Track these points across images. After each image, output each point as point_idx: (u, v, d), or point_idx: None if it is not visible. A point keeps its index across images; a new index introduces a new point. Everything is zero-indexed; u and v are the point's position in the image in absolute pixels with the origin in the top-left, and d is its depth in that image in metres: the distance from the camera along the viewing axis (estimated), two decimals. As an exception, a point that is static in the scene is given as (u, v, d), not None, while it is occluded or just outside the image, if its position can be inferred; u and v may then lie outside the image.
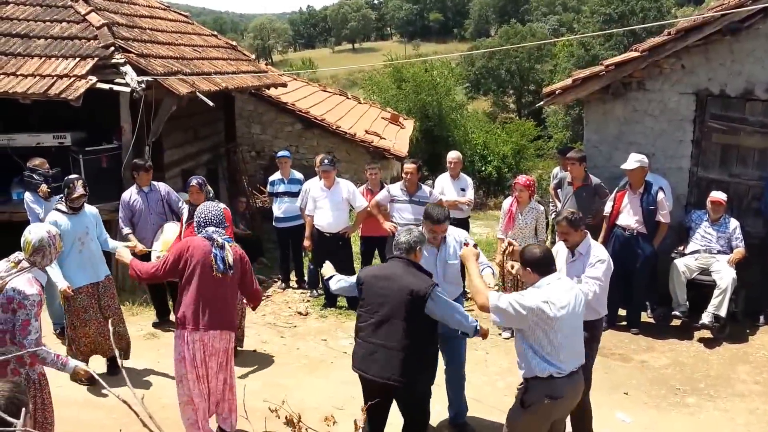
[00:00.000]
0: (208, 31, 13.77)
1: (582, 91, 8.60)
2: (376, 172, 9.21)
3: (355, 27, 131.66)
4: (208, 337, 5.07)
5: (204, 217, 5.23)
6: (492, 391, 6.57)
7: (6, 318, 4.22)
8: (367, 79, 31.93)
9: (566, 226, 5.39)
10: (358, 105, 19.89)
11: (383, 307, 4.63)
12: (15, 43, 8.96)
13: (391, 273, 4.72)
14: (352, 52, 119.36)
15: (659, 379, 6.92)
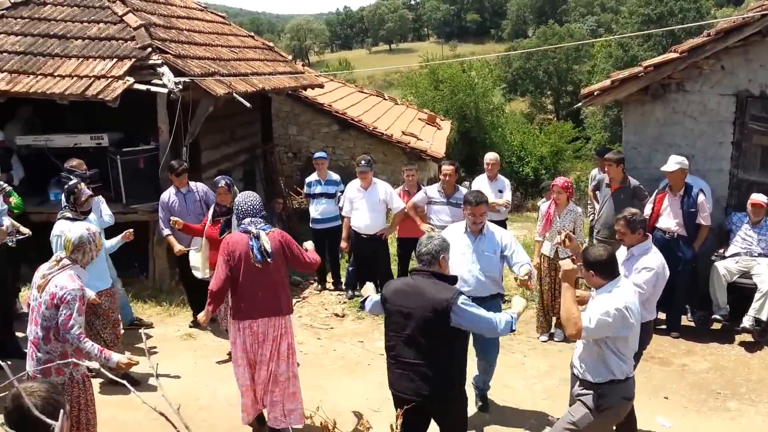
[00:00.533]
0: (245, 32, 13.81)
1: (621, 93, 8.54)
2: (413, 174, 9.14)
3: (392, 28, 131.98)
4: (257, 325, 5.32)
5: (241, 209, 5.42)
6: (530, 395, 6.54)
7: (50, 314, 4.35)
8: (404, 80, 31.93)
9: (624, 225, 5.44)
10: (395, 106, 19.86)
11: (408, 325, 4.35)
12: (53, 44, 9.06)
13: (413, 288, 4.41)
14: (389, 53, 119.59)
15: (700, 383, 6.81)
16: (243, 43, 12.66)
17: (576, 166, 31.68)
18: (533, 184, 26.96)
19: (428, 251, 4.46)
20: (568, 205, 7.62)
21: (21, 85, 8.35)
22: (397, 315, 4.42)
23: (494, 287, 5.80)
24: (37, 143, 9.16)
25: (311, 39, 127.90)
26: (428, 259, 4.47)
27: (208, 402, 6.24)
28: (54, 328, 4.37)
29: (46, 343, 4.41)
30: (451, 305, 4.22)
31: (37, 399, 2.60)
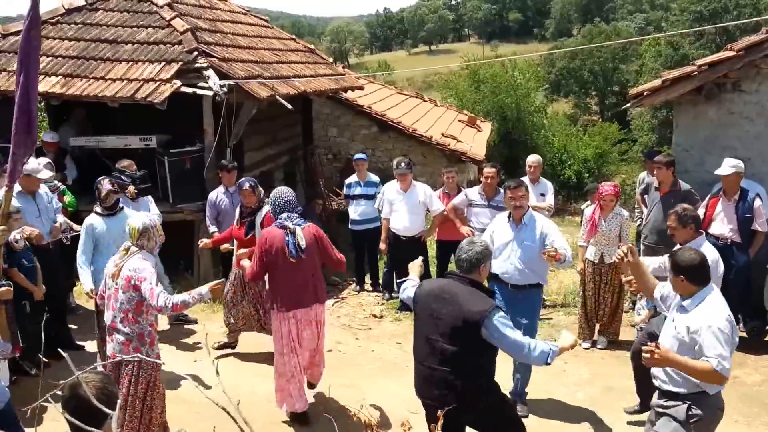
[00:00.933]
0: (287, 35, 14.10)
1: (672, 93, 8.29)
2: (453, 176, 9.17)
3: (432, 28, 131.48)
4: (300, 314, 5.71)
5: (278, 204, 5.77)
6: (572, 403, 6.49)
7: (128, 297, 4.77)
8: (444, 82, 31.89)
9: (675, 220, 5.40)
10: (435, 107, 19.85)
11: (436, 330, 4.22)
12: (104, 49, 9.43)
13: (447, 293, 4.25)
14: (429, 54, 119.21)
15: (751, 396, 6.61)
16: (285, 46, 12.94)
17: (621, 169, 31.19)
18: (576, 187, 26.65)
19: (469, 258, 4.32)
20: (614, 209, 7.52)
21: (74, 88, 8.72)
22: (427, 318, 4.31)
23: (534, 277, 5.91)
24: (90, 144, 9.57)
25: (351, 41, 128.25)
26: (468, 266, 4.32)
27: (248, 398, 6.25)
28: (133, 309, 4.79)
29: (125, 324, 4.82)
30: (485, 319, 4.08)
31: (92, 389, 2.72)
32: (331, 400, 6.25)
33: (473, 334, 4.12)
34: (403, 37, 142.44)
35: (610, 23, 75.58)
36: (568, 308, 9.01)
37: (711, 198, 7.69)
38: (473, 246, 4.38)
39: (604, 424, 6.01)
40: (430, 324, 4.28)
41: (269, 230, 5.76)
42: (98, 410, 2.49)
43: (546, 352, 4.15)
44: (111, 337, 4.92)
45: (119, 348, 4.82)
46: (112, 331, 4.89)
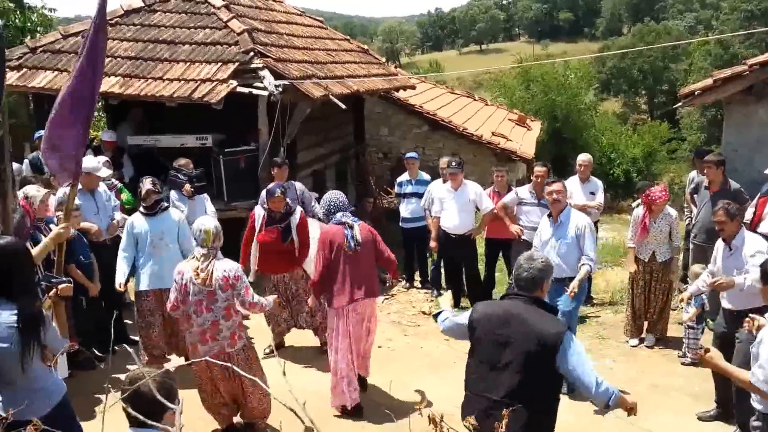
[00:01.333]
0: (341, 36, 14.01)
1: (723, 92, 8.30)
2: (503, 175, 9.11)
3: (483, 28, 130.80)
4: (360, 306, 5.87)
5: (333, 205, 6.00)
6: None
7: (227, 295, 5.05)
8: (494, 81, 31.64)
9: (723, 214, 5.48)
10: (485, 107, 19.67)
11: (503, 356, 3.74)
12: (162, 49, 9.43)
13: (513, 315, 3.78)
14: (479, 54, 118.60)
15: None
16: (339, 47, 12.85)
17: (669, 167, 30.62)
18: (624, 186, 26.21)
19: (530, 276, 3.85)
20: (663, 210, 7.40)
21: (133, 88, 8.74)
22: (490, 344, 3.80)
23: (570, 271, 6.27)
24: (147, 143, 9.61)
25: (402, 41, 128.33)
26: (530, 285, 3.86)
27: (299, 395, 6.37)
28: (232, 306, 5.11)
29: (227, 319, 5.11)
30: (561, 342, 3.65)
31: (154, 383, 2.71)
32: (383, 396, 6.21)
33: (547, 360, 3.66)
34: (453, 36, 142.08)
35: (660, 22, 73.92)
36: (615, 306, 8.90)
37: (761, 197, 7.55)
38: (533, 262, 3.89)
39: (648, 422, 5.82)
40: (495, 350, 3.77)
41: (327, 229, 5.96)
42: (158, 404, 2.51)
43: (611, 393, 3.71)
44: (210, 337, 5.15)
45: (228, 341, 5.15)
46: (212, 331, 5.13)
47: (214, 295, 5.04)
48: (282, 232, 6.90)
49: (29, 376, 3.69)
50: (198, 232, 5.13)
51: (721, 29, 47.12)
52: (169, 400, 2.66)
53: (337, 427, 5.78)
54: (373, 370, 6.63)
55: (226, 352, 5.14)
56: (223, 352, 5.12)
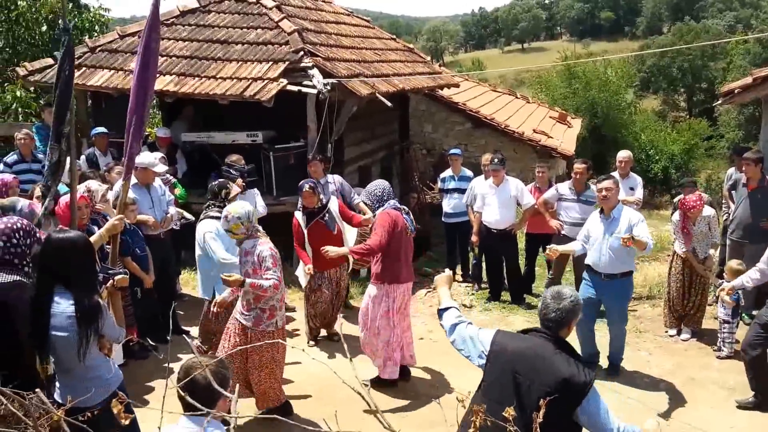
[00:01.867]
0: (387, 35, 13.91)
1: (762, 90, 8.14)
2: (544, 171, 9.06)
3: (525, 27, 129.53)
4: (405, 288, 6.05)
5: (386, 193, 6.03)
6: (655, 394, 6.25)
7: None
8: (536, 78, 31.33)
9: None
10: (526, 104, 19.44)
11: (519, 398, 3.29)
12: (215, 49, 9.45)
13: (538, 356, 3.35)
14: (521, 52, 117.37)
15: None
16: (386, 46, 12.76)
17: (708, 164, 29.98)
18: (662, 182, 25.74)
19: (558, 318, 3.43)
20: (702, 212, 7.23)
21: (187, 86, 8.77)
22: (506, 380, 3.36)
23: (623, 266, 6.21)
24: (200, 139, 9.65)
25: (446, 40, 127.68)
26: (556, 326, 3.45)
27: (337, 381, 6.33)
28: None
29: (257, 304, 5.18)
30: (588, 391, 3.25)
31: (209, 372, 2.71)
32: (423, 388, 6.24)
33: (569, 408, 3.24)
34: (496, 35, 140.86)
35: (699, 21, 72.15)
36: (653, 300, 8.76)
37: None
38: (562, 302, 3.44)
39: (687, 415, 5.79)
40: (510, 389, 3.33)
41: (389, 212, 5.91)
42: (213, 391, 2.55)
43: None
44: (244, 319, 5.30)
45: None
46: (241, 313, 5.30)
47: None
48: (327, 223, 6.86)
49: (87, 365, 3.68)
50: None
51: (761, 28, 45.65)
52: (223, 387, 2.68)
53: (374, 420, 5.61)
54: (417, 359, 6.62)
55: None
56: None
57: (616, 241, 6.02)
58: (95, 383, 3.69)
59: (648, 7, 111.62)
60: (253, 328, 5.18)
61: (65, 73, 4.25)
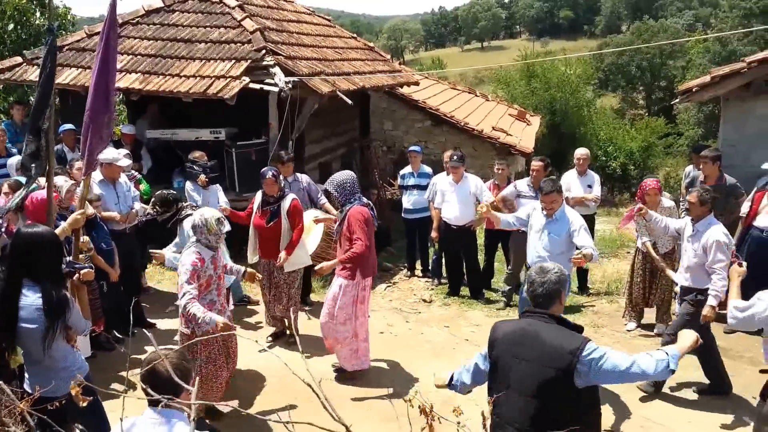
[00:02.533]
0: (348, 34, 14.14)
1: (721, 89, 8.24)
2: (503, 168, 9.13)
3: (485, 26, 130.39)
4: (369, 281, 6.33)
5: (353, 185, 6.17)
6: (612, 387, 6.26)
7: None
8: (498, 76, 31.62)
9: (696, 197, 5.83)
10: (486, 102, 19.65)
11: (521, 380, 3.34)
12: (179, 48, 9.61)
13: (530, 334, 3.38)
14: (481, 51, 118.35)
15: None
16: (346, 44, 12.98)
17: (666, 162, 30.54)
18: (621, 179, 26.25)
19: (546, 291, 3.46)
20: (661, 203, 7.38)
21: (152, 84, 8.94)
22: (507, 366, 3.42)
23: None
24: (164, 136, 9.81)
25: (407, 38, 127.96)
26: (546, 300, 3.47)
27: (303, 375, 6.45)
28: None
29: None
30: (576, 362, 3.21)
31: (170, 364, 2.74)
32: (384, 381, 6.30)
33: (566, 383, 3.24)
34: (456, 34, 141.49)
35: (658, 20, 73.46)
36: (611, 296, 8.96)
37: (757, 192, 7.56)
38: (547, 275, 3.48)
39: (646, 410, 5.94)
40: (512, 372, 3.39)
41: (360, 209, 6.07)
42: (174, 384, 2.53)
43: (664, 360, 3.24)
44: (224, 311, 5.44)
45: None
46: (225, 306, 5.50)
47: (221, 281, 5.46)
48: (272, 213, 6.91)
49: (55, 356, 3.82)
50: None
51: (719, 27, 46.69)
52: (185, 380, 2.69)
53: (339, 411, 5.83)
54: (375, 355, 6.74)
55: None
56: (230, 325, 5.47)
57: (553, 242, 5.93)
58: (63, 374, 3.82)
59: (607, 6, 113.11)
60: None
61: (47, 71, 4.42)
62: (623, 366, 3.22)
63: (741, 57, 8.58)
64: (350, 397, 6.10)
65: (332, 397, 5.81)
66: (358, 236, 5.95)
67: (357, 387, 6.29)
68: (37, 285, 3.75)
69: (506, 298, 8.67)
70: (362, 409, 5.88)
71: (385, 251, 10.92)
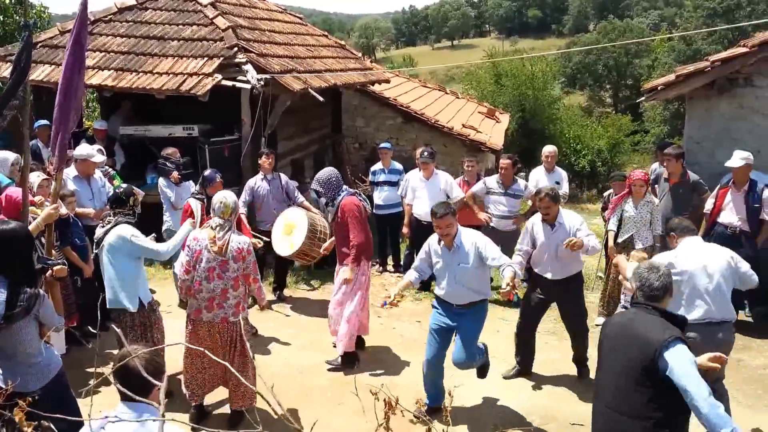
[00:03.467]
0: (319, 32, 14.16)
1: (685, 87, 8.29)
2: (473, 165, 9.22)
3: (455, 24, 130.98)
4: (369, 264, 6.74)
5: (337, 180, 6.41)
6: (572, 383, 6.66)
7: (238, 266, 5.18)
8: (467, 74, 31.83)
9: (548, 200, 5.97)
10: (456, 100, 19.73)
11: (614, 365, 3.59)
12: (152, 45, 9.61)
13: (629, 323, 3.61)
14: (451, 49, 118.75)
15: (755, 378, 6.58)
16: (318, 42, 13.03)
17: (633, 159, 30.98)
18: (589, 176, 26.60)
19: (663, 284, 3.65)
20: (645, 196, 7.47)
21: (125, 81, 8.92)
22: (608, 352, 3.68)
23: (475, 295, 5.48)
24: (137, 133, 9.78)
25: (378, 37, 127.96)
26: (662, 293, 3.65)
27: (282, 369, 6.49)
28: (241, 277, 5.22)
29: (235, 289, 5.21)
30: (662, 350, 3.32)
31: (141, 360, 2.79)
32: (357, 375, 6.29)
33: (653, 371, 3.36)
34: (427, 32, 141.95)
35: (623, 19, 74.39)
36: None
37: (720, 189, 7.64)
38: (656, 271, 3.69)
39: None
40: (610, 358, 3.65)
41: (350, 199, 6.35)
42: (146, 381, 2.54)
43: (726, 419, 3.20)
44: (217, 305, 5.20)
45: (232, 311, 5.23)
46: (220, 298, 5.19)
47: (226, 264, 5.13)
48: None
49: (27, 352, 3.84)
50: (218, 204, 5.23)
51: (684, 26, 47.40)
52: (157, 376, 2.69)
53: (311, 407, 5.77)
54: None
55: (229, 320, 5.21)
56: (226, 320, 5.20)
57: (463, 272, 5.36)
58: (35, 369, 3.87)
59: (574, 5, 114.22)
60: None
61: (21, 65, 4.46)
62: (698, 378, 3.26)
63: (705, 56, 8.70)
64: (321, 391, 6.13)
65: (304, 390, 5.97)
66: (355, 228, 6.25)
67: (328, 381, 6.33)
68: (7, 280, 3.75)
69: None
70: (333, 402, 5.91)
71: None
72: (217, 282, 5.15)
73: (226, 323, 5.22)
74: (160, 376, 2.75)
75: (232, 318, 5.21)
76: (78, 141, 8.71)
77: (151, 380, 2.56)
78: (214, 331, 5.21)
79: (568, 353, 6.59)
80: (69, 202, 6.40)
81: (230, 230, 5.22)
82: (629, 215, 7.48)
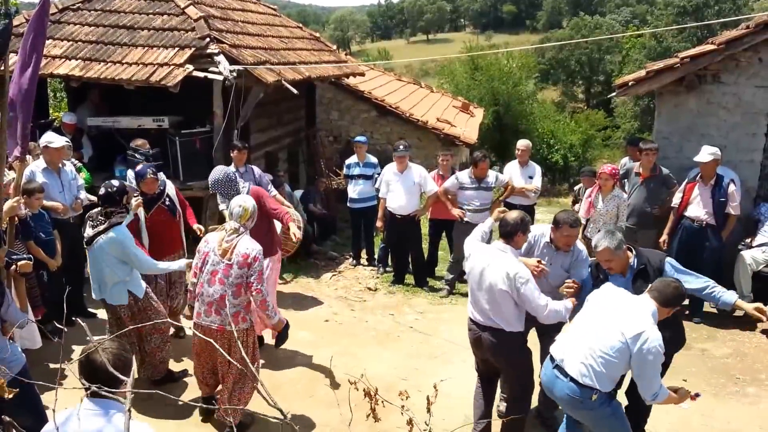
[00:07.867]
0: (293, 23, 14.02)
1: (655, 83, 8.37)
2: (447, 159, 9.23)
3: (430, 18, 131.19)
4: None
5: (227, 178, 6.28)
6: None
7: (242, 273, 4.87)
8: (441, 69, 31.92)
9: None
10: (431, 94, 19.82)
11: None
12: (121, 34, 9.38)
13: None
14: (426, 43, 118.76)
15: (719, 368, 6.72)
16: (292, 34, 12.89)
17: (604, 153, 31.38)
18: (562, 170, 26.84)
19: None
20: (613, 191, 7.63)
21: (93, 71, 8.69)
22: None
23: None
24: (105, 124, 9.56)
25: (353, 30, 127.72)
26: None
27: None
28: (244, 284, 4.90)
29: (236, 297, 4.91)
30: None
31: (109, 355, 2.73)
32: (328, 369, 6.31)
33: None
34: (402, 26, 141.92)
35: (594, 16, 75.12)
36: None
37: (688, 183, 7.83)
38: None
39: None
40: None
41: (257, 188, 6.60)
42: (114, 376, 2.47)
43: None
44: (215, 311, 4.96)
45: (228, 320, 4.93)
46: (219, 304, 4.94)
47: (229, 269, 4.89)
48: (169, 207, 6.63)
49: None
50: (237, 207, 5.03)
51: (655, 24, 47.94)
52: (125, 372, 2.61)
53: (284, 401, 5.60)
54: (320, 342, 6.80)
55: (226, 329, 4.92)
56: (222, 328, 4.94)
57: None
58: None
59: (548, 1, 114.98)
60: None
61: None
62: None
63: (675, 53, 8.80)
64: (293, 384, 6.11)
65: (276, 384, 5.90)
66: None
67: (301, 374, 6.30)
68: None
69: (449, 286, 8.80)
70: (306, 395, 5.89)
71: (330, 240, 10.96)
72: (217, 287, 4.93)
73: (222, 331, 4.95)
74: (127, 371, 2.66)
75: (229, 327, 4.92)
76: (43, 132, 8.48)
77: (119, 375, 2.47)
78: (212, 337, 4.92)
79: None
80: (36, 198, 6.19)
81: (242, 235, 4.99)
82: (597, 209, 7.64)
